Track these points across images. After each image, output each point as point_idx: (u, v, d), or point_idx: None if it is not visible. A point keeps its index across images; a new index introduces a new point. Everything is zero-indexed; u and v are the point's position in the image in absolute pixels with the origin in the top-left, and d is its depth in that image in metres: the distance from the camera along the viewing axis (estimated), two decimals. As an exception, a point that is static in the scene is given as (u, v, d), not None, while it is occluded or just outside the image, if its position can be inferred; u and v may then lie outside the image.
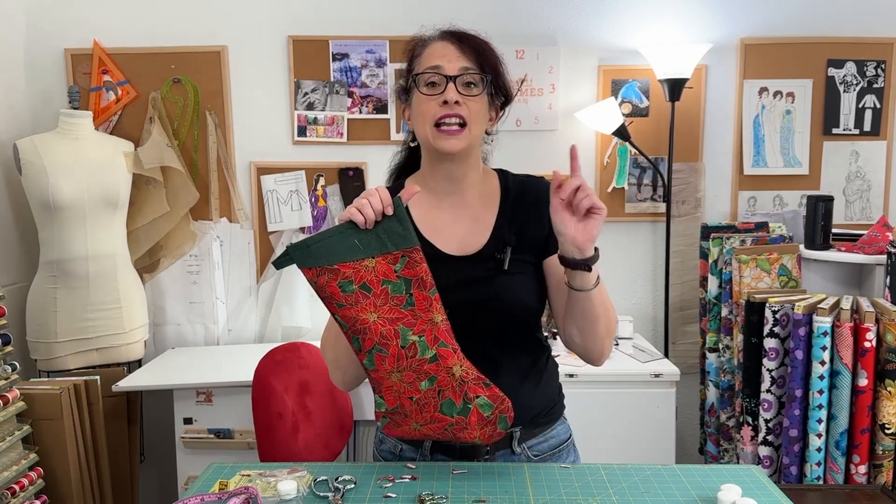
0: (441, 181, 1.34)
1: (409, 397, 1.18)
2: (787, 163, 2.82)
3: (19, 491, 1.93)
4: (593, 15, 2.76)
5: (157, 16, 2.73)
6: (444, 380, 1.18)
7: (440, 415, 1.19)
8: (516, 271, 1.29)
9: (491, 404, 1.19)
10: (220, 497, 1.18)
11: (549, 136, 2.79)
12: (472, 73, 1.26)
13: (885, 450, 1.97)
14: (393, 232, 1.15)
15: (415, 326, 1.17)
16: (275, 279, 2.81)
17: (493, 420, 1.19)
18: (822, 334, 1.98)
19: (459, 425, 1.19)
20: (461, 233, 1.33)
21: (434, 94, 1.26)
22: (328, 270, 1.15)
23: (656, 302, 2.89)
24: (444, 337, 1.17)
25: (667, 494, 1.19)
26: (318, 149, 2.80)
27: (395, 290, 1.16)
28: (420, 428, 1.21)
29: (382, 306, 1.16)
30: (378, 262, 1.15)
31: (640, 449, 2.35)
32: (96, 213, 2.45)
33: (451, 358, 1.17)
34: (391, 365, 1.17)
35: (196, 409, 2.37)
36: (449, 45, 1.29)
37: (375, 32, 2.74)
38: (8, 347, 1.98)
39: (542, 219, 1.33)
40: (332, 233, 1.15)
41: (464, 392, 1.18)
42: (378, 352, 1.17)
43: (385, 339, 1.16)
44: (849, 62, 2.77)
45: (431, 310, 1.17)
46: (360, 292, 1.15)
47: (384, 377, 1.18)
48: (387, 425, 1.23)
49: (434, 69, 1.27)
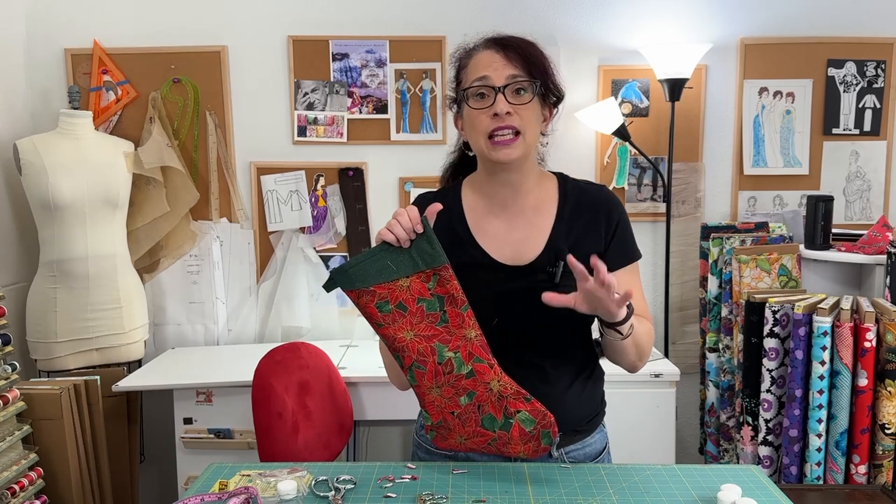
0: (498, 189, 1.33)
1: (450, 412, 1.21)
2: (787, 163, 2.82)
3: (19, 491, 1.93)
4: (593, 15, 2.76)
5: (157, 16, 2.73)
6: (482, 395, 1.20)
7: (482, 429, 1.21)
8: (568, 284, 1.26)
9: (532, 419, 1.20)
10: (220, 497, 1.18)
11: (550, 137, 2.76)
12: (520, 81, 1.24)
13: (885, 450, 1.97)
14: (423, 251, 1.17)
15: (450, 343, 1.19)
16: (275, 279, 2.81)
17: (536, 435, 1.20)
18: (822, 334, 1.98)
19: (502, 440, 1.21)
20: (515, 240, 1.32)
21: (484, 106, 1.25)
22: (366, 292, 1.18)
23: (656, 302, 2.89)
24: (479, 352, 1.19)
25: (667, 494, 1.19)
26: (318, 149, 2.80)
27: (430, 307, 1.19)
28: (465, 442, 1.23)
29: (418, 324, 1.19)
30: (412, 282, 1.18)
31: (640, 449, 2.34)
32: (96, 213, 2.45)
33: (487, 373, 1.19)
34: (430, 381, 1.20)
35: (196, 409, 2.37)
36: (494, 53, 1.26)
37: (375, 32, 2.74)
38: (8, 347, 1.98)
39: (598, 231, 1.32)
40: (366, 256, 1.18)
41: (503, 407, 1.20)
42: (417, 368, 1.20)
43: (422, 355, 1.19)
44: (849, 62, 2.77)
45: (464, 326, 1.19)
46: (396, 311, 1.19)
47: (426, 392, 1.22)
48: (435, 438, 1.25)
49: (481, 80, 1.25)
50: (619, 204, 1.37)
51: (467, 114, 1.28)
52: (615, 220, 1.34)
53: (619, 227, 1.34)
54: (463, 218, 1.34)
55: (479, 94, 1.25)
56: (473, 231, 1.32)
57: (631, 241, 1.36)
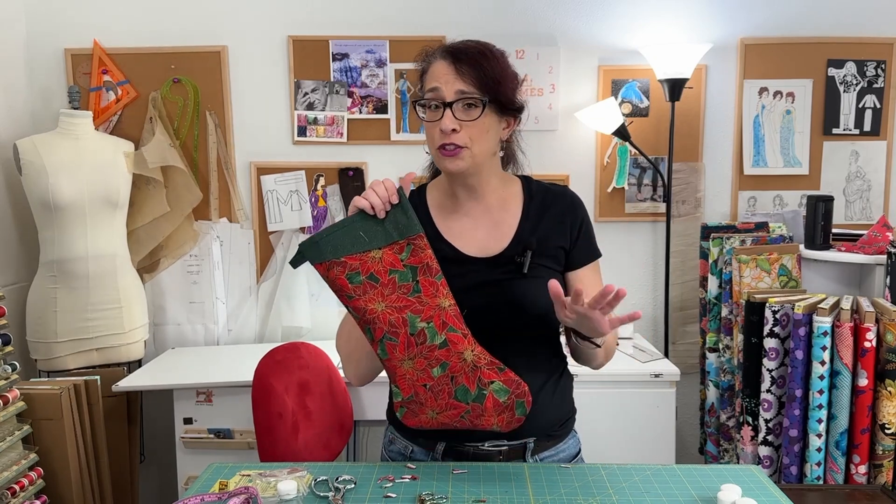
0: (459, 190, 1.35)
1: (422, 384, 1.19)
2: (787, 163, 2.82)
3: (19, 491, 1.93)
4: (593, 15, 2.76)
5: (157, 16, 2.73)
6: (455, 365, 1.18)
7: (455, 401, 1.19)
8: (536, 276, 1.29)
9: (507, 389, 1.19)
10: (220, 497, 1.18)
11: (550, 136, 2.79)
12: (468, 97, 1.23)
13: (885, 450, 1.97)
14: (397, 221, 1.17)
15: (422, 313, 1.18)
16: (275, 279, 2.81)
17: (511, 405, 1.19)
18: (822, 334, 1.98)
19: (475, 412, 1.19)
20: (482, 236, 1.34)
21: (434, 119, 1.25)
22: (336, 264, 1.17)
23: (656, 302, 2.89)
24: (453, 322, 1.18)
25: (667, 494, 1.19)
26: (318, 149, 2.80)
27: (402, 278, 1.17)
28: (437, 416, 1.21)
29: (390, 295, 1.17)
30: (384, 253, 1.17)
31: (640, 449, 2.35)
32: (96, 213, 2.45)
33: (461, 343, 1.18)
34: (402, 353, 1.18)
35: (196, 409, 2.37)
36: (448, 65, 1.24)
37: (375, 32, 2.74)
38: (8, 347, 1.98)
39: (565, 230, 1.35)
40: (338, 227, 1.17)
41: (477, 377, 1.18)
42: (389, 340, 1.18)
43: (394, 327, 1.17)
44: (849, 62, 2.77)
45: (438, 295, 1.18)
46: (367, 283, 1.17)
47: (397, 365, 1.19)
48: (405, 415, 1.23)
49: (433, 92, 1.25)
50: (582, 203, 1.39)
51: (424, 123, 1.29)
52: (580, 219, 1.37)
53: (584, 225, 1.37)
54: (429, 216, 1.36)
55: (433, 105, 1.25)
56: (440, 228, 1.34)
57: (594, 240, 1.40)
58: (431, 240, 1.31)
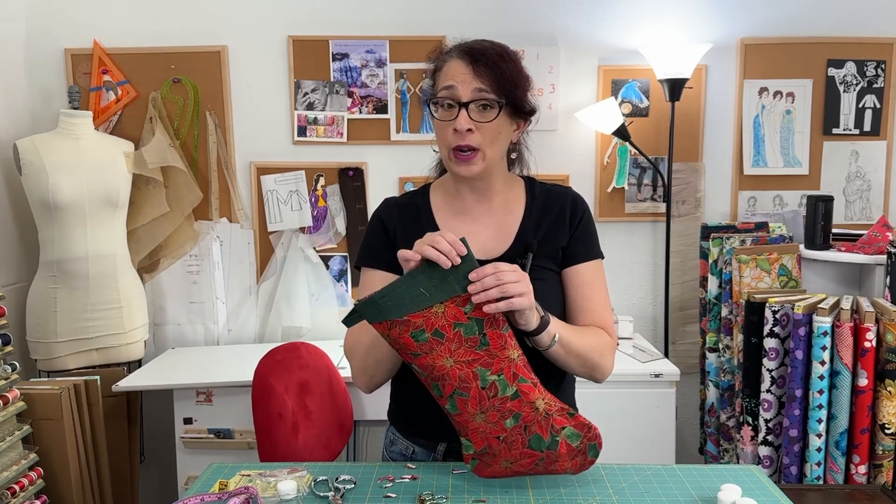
0: (465, 193, 1.35)
1: (496, 437, 1.17)
2: (787, 163, 2.82)
3: (19, 491, 1.93)
4: (593, 15, 2.76)
5: (157, 16, 2.73)
6: (528, 415, 1.16)
7: (529, 450, 1.17)
8: (537, 277, 1.28)
9: (578, 434, 1.18)
10: (220, 497, 1.18)
11: (550, 136, 2.79)
12: (485, 97, 1.22)
13: (885, 450, 1.97)
14: (461, 274, 1.12)
15: (492, 366, 1.15)
16: (275, 279, 2.81)
17: (583, 449, 1.19)
18: (822, 334, 1.98)
19: (549, 458, 1.18)
20: (484, 237, 1.33)
21: (448, 118, 1.24)
22: (399, 323, 1.13)
23: (656, 302, 2.89)
24: (523, 372, 1.16)
25: (667, 494, 1.19)
26: (318, 149, 2.80)
27: (468, 332, 1.14)
28: (511, 466, 1.19)
29: (457, 350, 1.14)
30: (447, 307, 1.13)
31: (640, 449, 2.35)
32: (96, 213, 2.45)
33: (532, 392, 1.16)
34: (474, 407, 1.16)
35: (196, 409, 2.37)
36: (464, 64, 1.23)
37: (375, 32, 2.74)
38: (8, 347, 1.98)
39: (564, 226, 1.34)
40: (398, 285, 1.13)
41: (550, 425, 1.17)
42: (460, 396, 1.15)
43: (464, 382, 1.14)
44: (849, 62, 2.77)
45: (507, 347, 1.15)
46: (433, 339, 1.13)
47: (469, 420, 1.17)
48: (477, 467, 1.21)
49: (448, 90, 1.23)
50: (584, 203, 1.39)
51: (435, 122, 1.28)
52: (580, 214, 1.36)
53: (584, 221, 1.36)
54: (431, 217, 1.35)
55: (447, 104, 1.24)
56: (443, 229, 1.33)
57: (595, 239, 1.38)
58: None
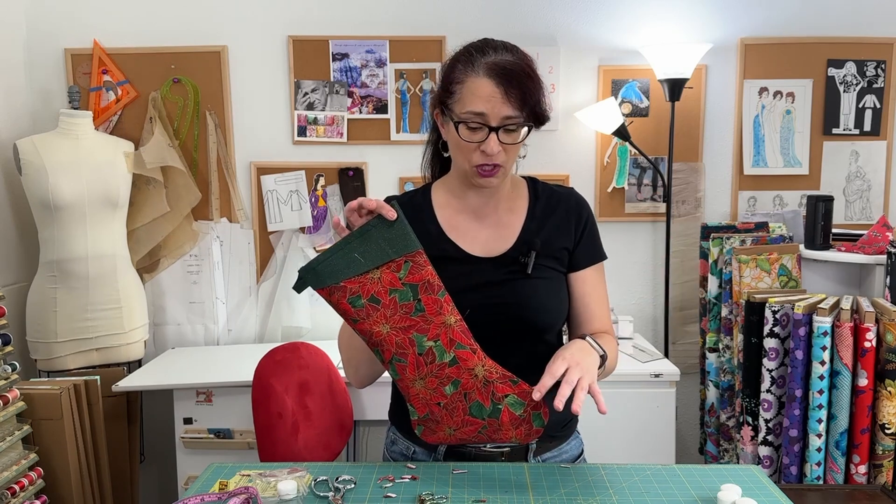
0: (471, 196, 1.35)
1: (436, 403, 1.18)
2: (787, 163, 2.82)
3: (19, 491, 1.93)
4: (593, 15, 2.76)
5: (157, 16, 2.73)
6: (467, 382, 1.17)
7: (471, 418, 1.18)
8: (540, 276, 1.29)
9: (521, 402, 1.17)
10: (220, 497, 1.18)
11: (550, 136, 2.79)
12: (515, 121, 1.22)
13: (885, 450, 1.97)
14: (393, 238, 1.14)
15: (428, 332, 1.16)
16: (274, 279, 2.81)
17: (527, 418, 1.18)
18: (822, 334, 1.98)
19: (492, 427, 1.18)
20: (486, 236, 1.33)
21: (475, 140, 1.23)
22: (337, 289, 1.14)
23: (656, 302, 2.89)
24: (461, 338, 1.16)
25: (667, 494, 1.19)
26: (318, 149, 2.80)
27: (403, 297, 1.15)
28: (454, 433, 1.20)
29: (393, 316, 1.15)
30: (383, 273, 1.15)
31: (640, 449, 2.35)
32: (96, 213, 2.45)
33: (471, 359, 1.17)
34: (412, 374, 1.17)
35: (196, 409, 2.37)
36: (494, 86, 1.21)
37: (375, 32, 2.74)
38: (8, 347, 1.98)
39: (569, 231, 1.35)
40: (334, 251, 1.15)
41: (490, 392, 1.17)
42: (398, 362, 1.17)
43: (401, 348, 1.16)
44: (849, 62, 2.77)
45: (443, 312, 1.16)
46: (369, 305, 1.15)
47: (409, 385, 1.18)
48: (423, 433, 1.22)
49: (478, 116, 1.21)
50: (587, 205, 1.40)
51: (455, 138, 1.26)
52: (584, 219, 1.37)
53: (588, 226, 1.37)
54: (433, 215, 1.35)
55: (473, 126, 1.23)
56: (444, 227, 1.33)
57: (598, 242, 1.39)
58: (436, 239, 1.30)
